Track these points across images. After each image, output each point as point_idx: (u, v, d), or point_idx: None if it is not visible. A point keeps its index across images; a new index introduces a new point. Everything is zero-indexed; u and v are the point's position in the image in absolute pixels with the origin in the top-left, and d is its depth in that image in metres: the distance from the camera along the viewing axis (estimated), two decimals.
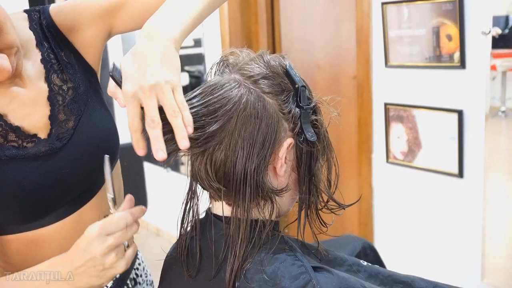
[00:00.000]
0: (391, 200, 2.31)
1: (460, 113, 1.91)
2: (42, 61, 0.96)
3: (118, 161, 1.10)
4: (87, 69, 1.02)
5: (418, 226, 2.21)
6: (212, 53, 3.08)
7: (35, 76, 0.95)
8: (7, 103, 0.91)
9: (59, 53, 0.98)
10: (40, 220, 0.94)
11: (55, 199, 0.94)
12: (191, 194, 0.88)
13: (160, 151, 0.70)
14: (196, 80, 3.37)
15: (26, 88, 0.93)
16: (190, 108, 0.76)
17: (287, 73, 0.83)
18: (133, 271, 1.13)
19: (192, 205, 0.88)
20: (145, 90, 0.70)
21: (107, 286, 1.04)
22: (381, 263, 1.24)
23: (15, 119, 0.91)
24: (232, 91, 0.79)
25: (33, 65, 0.95)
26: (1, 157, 0.89)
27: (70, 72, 0.98)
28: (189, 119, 0.72)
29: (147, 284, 1.18)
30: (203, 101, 0.79)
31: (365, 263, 0.98)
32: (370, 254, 1.26)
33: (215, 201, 0.87)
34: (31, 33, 0.97)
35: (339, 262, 0.95)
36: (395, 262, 2.26)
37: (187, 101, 0.76)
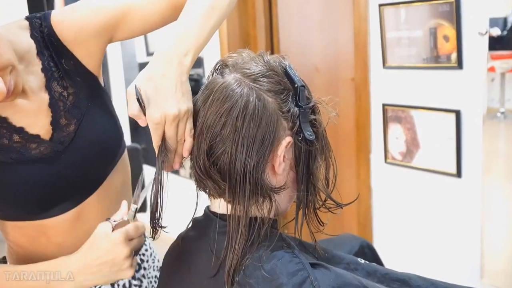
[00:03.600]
0: (390, 200, 2.31)
1: (457, 114, 1.92)
2: (43, 70, 0.98)
3: (127, 156, 1.16)
4: (88, 75, 1.04)
5: (417, 226, 2.22)
6: (211, 57, 3.09)
7: (37, 86, 0.97)
8: (11, 113, 0.95)
9: (59, 61, 1.00)
10: (44, 213, 0.99)
11: (57, 196, 0.99)
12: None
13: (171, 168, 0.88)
14: (195, 83, 3.39)
15: (29, 100, 0.96)
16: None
17: (286, 73, 0.85)
18: (139, 256, 1.16)
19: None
20: (169, 119, 0.82)
21: None
22: (379, 262, 1.25)
23: (17, 123, 0.95)
24: (233, 90, 0.80)
25: (34, 75, 0.97)
26: (7, 160, 0.94)
27: (70, 79, 1.00)
28: (190, 145, 0.85)
29: (153, 269, 1.21)
30: (203, 100, 0.83)
31: (363, 261, 0.99)
32: (368, 253, 1.27)
33: (214, 198, 0.88)
34: (32, 41, 0.98)
35: (337, 260, 0.96)
36: (394, 262, 2.27)
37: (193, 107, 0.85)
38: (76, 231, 1.02)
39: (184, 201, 3.13)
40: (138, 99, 0.84)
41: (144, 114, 0.84)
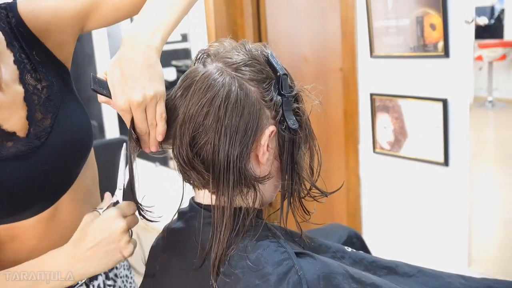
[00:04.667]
0: (379, 190, 2.32)
1: (444, 102, 1.92)
2: (15, 62, 0.94)
3: (93, 154, 1.12)
4: (59, 67, 1.02)
5: (405, 215, 2.23)
6: (199, 47, 3.07)
7: (10, 78, 0.93)
8: None
9: (30, 52, 0.96)
10: (18, 215, 0.94)
11: (34, 195, 0.95)
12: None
13: (148, 149, 0.87)
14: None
15: (3, 93, 0.92)
16: (173, 99, 0.84)
17: (268, 61, 0.84)
18: None
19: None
20: (134, 105, 0.80)
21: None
22: (367, 251, 1.25)
23: None
24: (214, 79, 0.79)
25: (6, 67, 0.93)
26: None
27: (43, 71, 0.97)
28: (162, 129, 0.84)
29: (124, 268, 1.19)
30: (185, 90, 0.82)
31: (350, 249, 0.99)
32: (357, 242, 1.27)
33: (198, 189, 0.87)
34: None
35: (324, 249, 0.96)
36: (383, 251, 2.28)
37: (173, 96, 0.84)
38: (50, 233, 0.99)
39: (173, 192, 3.12)
40: (93, 90, 0.84)
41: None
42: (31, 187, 0.93)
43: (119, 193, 0.91)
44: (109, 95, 0.84)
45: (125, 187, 0.92)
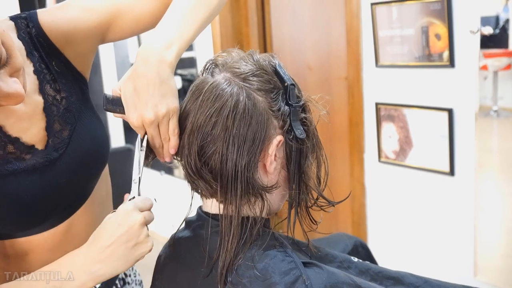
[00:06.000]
0: (384, 199, 2.32)
1: (450, 112, 1.93)
2: (35, 72, 0.93)
3: (107, 166, 1.10)
4: (78, 78, 1.01)
5: (410, 225, 2.23)
6: (204, 56, 3.09)
7: (30, 89, 0.91)
8: (4, 118, 0.88)
9: (50, 63, 0.95)
10: (34, 229, 0.93)
11: (51, 208, 0.93)
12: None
13: (162, 159, 0.89)
14: (188, 84, 3.39)
15: (24, 103, 0.90)
16: (182, 109, 0.85)
17: (276, 72, 0.85)
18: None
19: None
20: (147, 123, 0.82)
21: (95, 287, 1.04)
22: (372, 261, 1.25)
23: (13, 131, 0.89)
24: (223, 89, 0.80)
25: (26, 77, 0.88)
26: (1, 172, 0.87)
27: (62, 82, 0.96)
28: (175, 144, 0.85)
29: (136, 284, 1.18)
30: (193, 100, 0.83)
31: (356, 259, 0.99)
32: (362, 252, 1.27)
33: (206, 198, 0.88)
34: (20, 43, 0.92)
35: (330, 259, 0.96)
36: (389, 260, 2.27)
37: (182, 107, 0.85)
38: (65, 246, 0.96)
39: (178, 201, 3.12)
40: (106, 110, 0.85)
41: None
42: (48, 200, 0.92)
43: (134, 187, 0.88)
44: (122, 112, 0.85)
45: (140, 179, 0.89)
